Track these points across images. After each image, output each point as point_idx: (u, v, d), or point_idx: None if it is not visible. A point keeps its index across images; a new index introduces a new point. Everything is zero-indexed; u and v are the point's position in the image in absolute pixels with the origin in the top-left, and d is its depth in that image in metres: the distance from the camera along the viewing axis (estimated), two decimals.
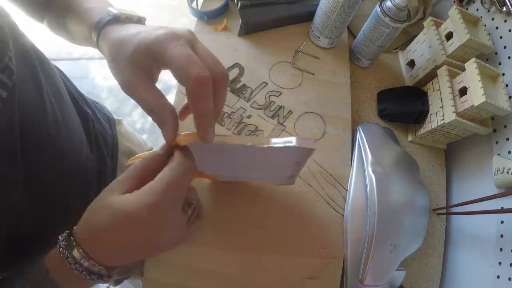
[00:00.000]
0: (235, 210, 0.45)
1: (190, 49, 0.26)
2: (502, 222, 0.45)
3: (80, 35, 0.35)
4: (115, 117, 0.57)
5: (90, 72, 1.64)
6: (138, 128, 1.53)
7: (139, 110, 1.54)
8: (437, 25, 0.55)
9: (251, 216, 0.45)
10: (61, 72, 0.45)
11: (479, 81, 0.44)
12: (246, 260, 0.43)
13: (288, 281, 0.43)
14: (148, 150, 0.64)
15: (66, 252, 0.24)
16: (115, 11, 0.31)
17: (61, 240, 0.25)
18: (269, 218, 0.45)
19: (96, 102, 0.55)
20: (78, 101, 0.47)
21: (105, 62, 0.29)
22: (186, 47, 0.25)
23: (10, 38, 0.29)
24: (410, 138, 0.57)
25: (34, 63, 0.35)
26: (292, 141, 0.31)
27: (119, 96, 1.58)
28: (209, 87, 0.25)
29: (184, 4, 0.59)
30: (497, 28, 0.51)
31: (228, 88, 0.53)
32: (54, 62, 0.42)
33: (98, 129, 0.49)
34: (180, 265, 0.42)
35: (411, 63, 0.62)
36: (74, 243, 0.24)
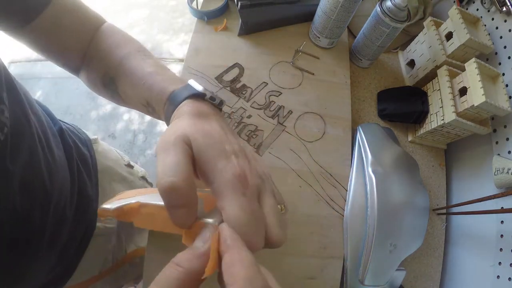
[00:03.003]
0: None
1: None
2: (502, 222, 0.45)
3: (136, 99, 0.34)
4: (91, 137, 0.55)
5: None
6: (135, 129, 1.53)
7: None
8: (437, 25, 0.55)
9: None
10: (42, 106, 0.44)
11: (479, 81, 0.44)
12: None
13: (288, 281, 0.43)
14: (125, 165, 0.61)
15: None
16: (199, 88, 0.28)
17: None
18: None
19: (73, 126, 0.53)
20: (64, 133, 0.45)
21: None
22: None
23: (5, 89, 0.28)
24: (410, 138, 0.57)
25: (25, 106, 0.33)
26: None
27: None
28: None
29: (183, 4, 0.59)
30: (497, 28, 0.51)
31: (228, 88, 0.53)
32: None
33: (79, 155, 0.48)
34: None
35: (411, 63, 0.62)
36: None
